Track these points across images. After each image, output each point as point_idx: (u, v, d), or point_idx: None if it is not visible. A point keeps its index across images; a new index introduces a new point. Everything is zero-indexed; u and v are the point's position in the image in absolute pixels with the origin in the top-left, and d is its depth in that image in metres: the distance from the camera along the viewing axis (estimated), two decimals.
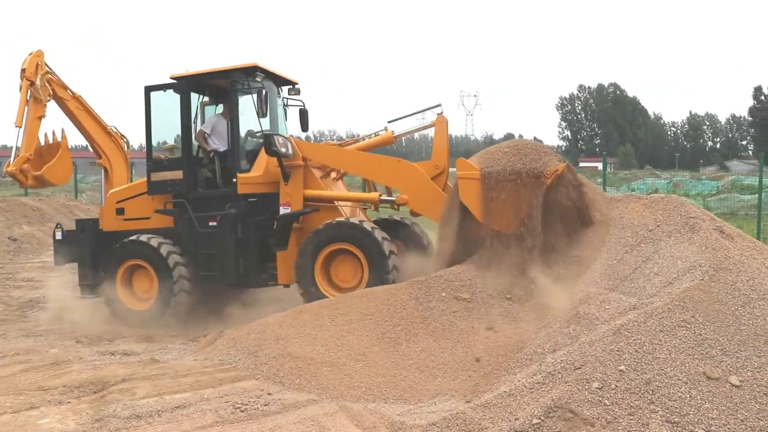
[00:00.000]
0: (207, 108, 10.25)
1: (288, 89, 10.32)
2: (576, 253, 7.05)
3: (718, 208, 19.59)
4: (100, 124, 10.79)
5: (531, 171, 7.18)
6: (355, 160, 9.15)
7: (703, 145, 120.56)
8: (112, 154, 10.83)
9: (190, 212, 9.31)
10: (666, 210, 6.67)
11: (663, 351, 4.55)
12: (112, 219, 10.02)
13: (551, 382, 4.56)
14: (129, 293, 9.48)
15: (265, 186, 9.14)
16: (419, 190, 8.48)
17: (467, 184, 7.49)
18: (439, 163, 8.74)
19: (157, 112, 9.69)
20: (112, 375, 6.65)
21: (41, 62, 10.08)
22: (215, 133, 9.57)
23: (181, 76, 9.46)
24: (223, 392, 5.98)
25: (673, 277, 5.46)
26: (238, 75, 9.21)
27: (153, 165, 9.70)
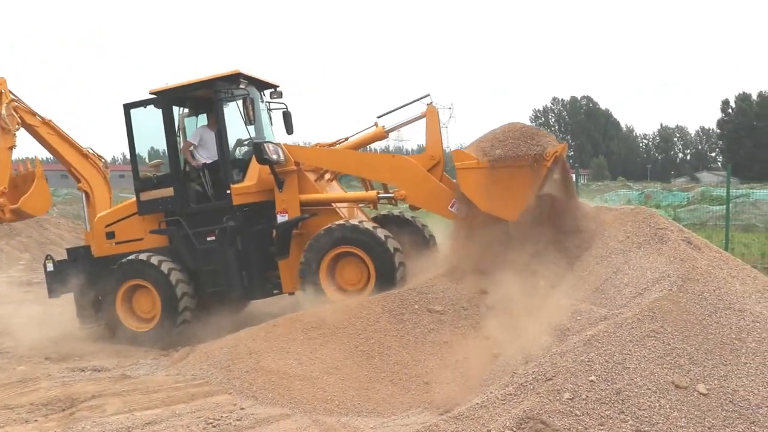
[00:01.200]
0: (187, 120, 9.96)
1: (270, 93, 10.09)
2: (552, 265, 7.11)
3: (688, 219, 19.85)
4: (75, 147, 10.46)
5: (531, 155, 7.07)
6: (349, 159, 8.95)
7: (673, 157, 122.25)
8: (91, 177, 10.50)
9: (186, 229, 9.09)
10: (636, 221, 6.74)
11: (633, 361, 4.60)
12: (103, 244, 9.73)
13: (523, 394, 4.58)
14: (130, 315, 9.19)
15: (260, 195, 8.97)
16: (416, 183, 8.31)
17: (466, 175, 7.37)
18: (434, 154, 8.55)
19: (140, 130, 9.44)
20: (81, 392, 6.56)
21: (5, 90, 9.70)
22: (203, 146, 9.36)
23: (161, 90, 9.23)
24: (196, 407, 5.92)
25: (642, 287, 5.52)
26: (221, 84, 8.99)
27: (141, 184, 9.45)
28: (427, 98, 8.75)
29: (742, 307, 5.04)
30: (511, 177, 7.16)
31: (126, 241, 9.55)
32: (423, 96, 8.76)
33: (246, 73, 9.15)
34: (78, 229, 22.04)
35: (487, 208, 7.33)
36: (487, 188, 7.24)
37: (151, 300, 9.05)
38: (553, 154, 7.05)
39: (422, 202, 8.52)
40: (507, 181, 7.17)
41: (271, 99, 10.11)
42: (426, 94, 8.75)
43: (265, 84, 9.95)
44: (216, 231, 8.97)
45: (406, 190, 8.40)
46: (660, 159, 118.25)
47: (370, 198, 8.87)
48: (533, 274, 7.03)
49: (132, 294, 9.21)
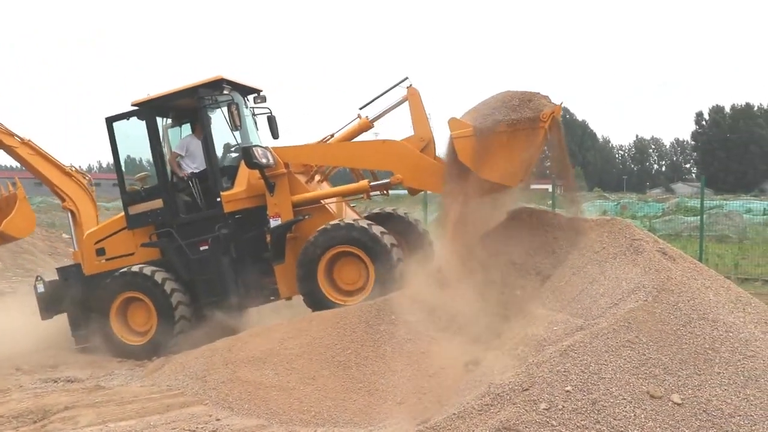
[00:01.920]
0: (171, 131, 9.85)
1: (254, 98, 9.96)
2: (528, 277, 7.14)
3: (663, 230, 20.08)
4: (57, 166, 10.21)
5: (527, 117, 6.90)
6: (339, 151, 8.84)
7: (649, 168, 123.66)
8: (75, 195, 10.23)
9: (178, 240, 8.97)
10: (611, 232, 6.80)
11: (608, 371, 4.63)
12: (94, 261, 9.55)
13: (500, 404, 4.59)
14: (125, 328, 9.04)
15: (251, 200, 8.86)
16: (412, 165, 8.17)
17: (463, 143, 7.14)
18: (423, 135, 8.40)
19: (125, 142, 9.31)
20: (54, 403, 6.47)
21: None
22: (190, 155, 9.25)
23: (143, 101, 9.10)
24: (171, 419, 5.87)
25: (618, 298, 5.56)
26: (204, 91, 8.87)
27: (128, 198, 9.31)
28: (406, 81, 8.60)
29: (715, 318, 5.10)
30: (510, 142, 6.98)
31: (117, 256, 9.40)
32: (402, 80, 8.63)
33: (229, 79, 9.05)
34: (52, 238, 21.75)
35: (486, 174, 7.12)
36: (485, 155, 7.05)
37: (146, 312, 8.91)
38: (549, 114, 6.86)
39: (420, 183, 8.40)
40: (505, 146, 6.98)
41: (255, 104, 9.99)
42: (404, 78, 8.61)
43: (249, 89, 9.83)
44: (209, 240, 8.87)
45: (402, 173, 8.25)
46: (636, 170, 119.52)
47: (362, 188, 8.73)
48: (510, 284, 7.06)
49: (126, 307, 9.06)
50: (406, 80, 8.59)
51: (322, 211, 8.75)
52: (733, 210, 21.31)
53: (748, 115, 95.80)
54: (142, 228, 9.26)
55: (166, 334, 8.69)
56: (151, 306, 8.80)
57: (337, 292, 8.18)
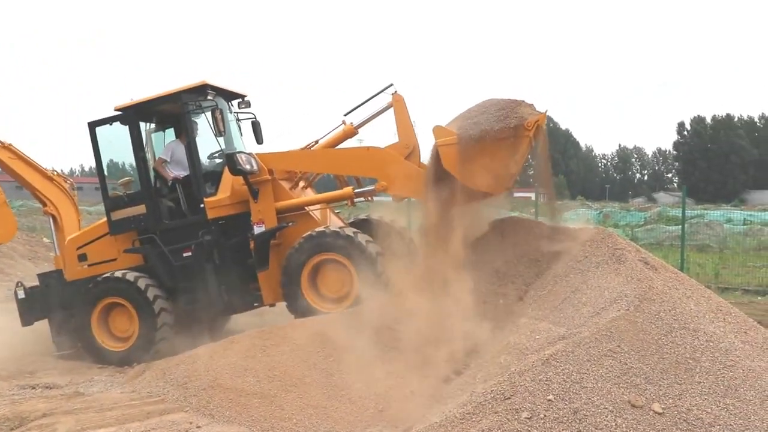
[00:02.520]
0: (155, 135, 9.77)
1: (238, 103, 9.83)
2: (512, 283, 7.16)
3: (645, 239, 20.22)
4: (39, 170, 10.12)
5: (511, 126, 6.91)
6: (324, 157, 8.78)
7: (631, 177, 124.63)
8: (57, 199, 10.14)
9: (161, 246, 8.90)
10: (594, 241, 6.84)
11: (590, 380, 4.65)
12: (75, 267, 9.45)
13: (481, 413, 4.59)
14: (106, 334, 8.96)
15: (235, 207, 8.81)
16: (396, 172, 8.15)
17: (448, 150, 7.13)
18: (408, 142, 8.36)
19: (107, 147, 9.21)
20: (31, 410, 6.39)
21: None
22: (175, 160, 9.18)
23: (126, 106, 9.01)
24: (150, 426, 5.82)
25: (600, 307, 5.59)
26: (188, 96, 8.81)
27: (111, 203, 9.21)
28: (391, 88, 8.56)
29: (696, 327, 5.13)
30: (494, 150, 6.98)
31: (99, 262, 9.30)
32: (387, 86, 8.57)
33: (213, 84, 9.00)
34: (33, 242, 21.52)
35: (471, 183, 7.13)
36: (469, 163, 7.07)
37: (128, 318, 8.84)
38: (534, 123, 6.88)
39: (405, 190, 8.35)
40: (490, 155, 6.99)
41: (240, 109, 9.89)
42: (389, 84, 8.57)
43: (233, 94, 9.77)
44: (192, 246, 8.81)
45: (387, 180, 8.24)
46: (618, 179, 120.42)
47: (347, 195, 8.71)
48: (493, 292, 7.08)
49: (108, 314, 8.99)
50: (391, 87, 8.56)
51: (306, 218, 8.70)
52: (713, 220, 21.47)
53: (729, 125, 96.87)
54: (124, 234, 9.17)
55: (147, 340, 8.61)
56: (133, 312, 8.72)
57: (321, 299, 8.14)
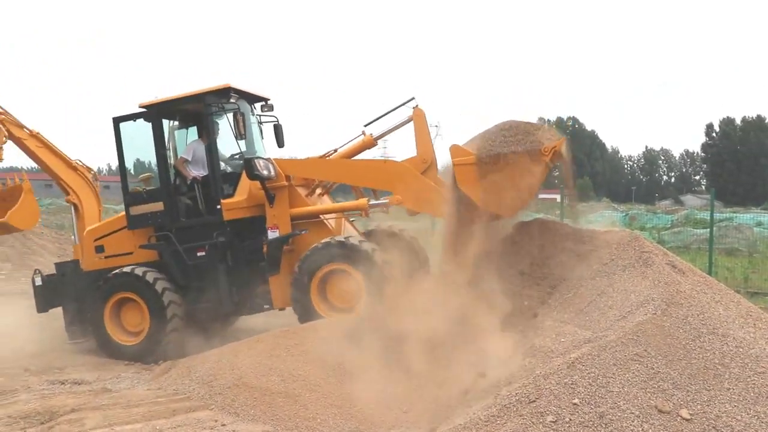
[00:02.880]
0: (178, 132, 9.90)
1: (261, 106, 10.02)
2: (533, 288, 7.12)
3: (672, 242, 19.98)
4: (63, 159, 10.36)
5: (529, 149, 6.87)
6: (341, 167, 8.89)
7: (658, 179, 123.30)
8: (79, 189, 10.38)
9: (176, 244, 9.02)
10: (621, 244, 6.77)
11: (616, 384, 4.61)
12: (92, 258, 9.64)
13: (506, 415, 4.57)
14: (118, 328, 9.13)
15: (251, 210, 8.91)
16: (411, 187, 8.20)
17: (464, 170, 7.11)
18: (426, 156, 8.43)
19: (130, 143, 9.37)
20: (60, 405, 6.49)
21: None
22: (195, 160, 9.30)
23: (151, 104, 9.15)
24: (177, 423, 5.88)
25: (626, 310, 5.54)
26: (212, 98, 8.94)
27: (131, 198, 9.39)
28: (413, 102, 8.63)
29: (725, 332, 5.06)
30: (509, 173, 6.94)
31: (115, 255, 9.47)
32: (408, 100, 8.66)
33: (236, 87, 9.10)
34: (62, 240, 21.84)
35: (484, 204, 7.11)
36: (485, 184, 7.03)
37: (140, 313, 8.98)
38: (551, 149, 6.82)
39: (419, 206, 8.38)
40: (505, 177, 6.95)
41: (262, 112, 10.03)
42: (411, 98, 8.65)
43: (256, 97, 9.87)
44: (206, 246, 8.90)
45: (402, 194, 8.30)
46: (645, 181, 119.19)
47: (361, 206, 8.76)
48: (518, 294, 7.04)
49: (120, 307, 9.12)
50: (413, 101, 8.65)
51: (319, 226, 8.80)
52: (743, 223, 21.16)
53: (759, 127, 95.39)
54: (142, 229, 9.32)
55: (158, 337, 8.76)
56: (143, 306, 8.88)
57: (330, 308, 8.19)
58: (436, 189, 8.06)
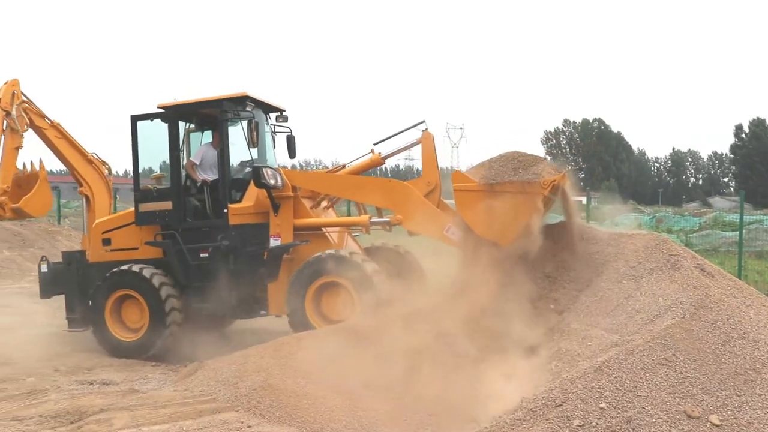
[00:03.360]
0: (192, 135, 10.14)
1: (276, 116, 10.24)
2: (560, 291, 7.08)
3: (700, 245, 19.73)
4: (80, 151, 10.62)
5: (528, 182, 7.10)
6: (345, 183, 9.07)
7: (685, 181, 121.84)
8: (93, 181, 10.64)
9: (180, 244, 9.19)
10: (648, 247, 6.72)
11: (644, 389, 4.56)
12: (99, 250, 9.84)
13: (532, 419, 4.55)
14: (118, 324, 9.31)
15: (256, 216, 9.06)
16: (412, 208, 8.34)
17: (464, 197, 7.43)
18: (431, 179, 8.59)
19: (145, 142, 9.58)
20: (89, 405, 6.57)
21: (17, 91, 9.90)
22: (205, 163, 9.48)
23: (169, 105, 9.37)
24: (203, 424, 5.92)
25: (654, 314, 5.49)
26: (228, 105, 9.14)
27: (141, 195, 9.59)
28: (423, 125, 8.83)
29: (756, 337, 4.99)
30: (507, 203, 7.20)
31: (121, 249, 9.69)
32: (418, 122, 8.83)
33: (253, 96, 9.35)
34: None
35: (481, 231, 7.37)
36: (483, 212, 7.30)
37: (140, 310, 9.18)
38: (550, 183, 7.05)
39: (418, 227, 8.55)
40: (503, 206, 7.21)
41: (277, 122, 10.29)
42: (421, 121, 8.84)
43: (272, 107, 10.15)
44: (209, 248, 9.09)
45: (402, 214, 8.47)
46: (672, 183, 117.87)
47: (362, 222, 8.96)
48: (544, 298, 7.01)
49: (121, 303, 9.34)
50: (423, 123, 8.84)
51: (321, 239, 8.94)
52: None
53: None
54: (149, 226, 9.51)
55: (155, 336, 8.95)
56: (144, 306, 9.06)
57: (323, 320, 8.29)
58: (436, 212, 8.27)
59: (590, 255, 7.29)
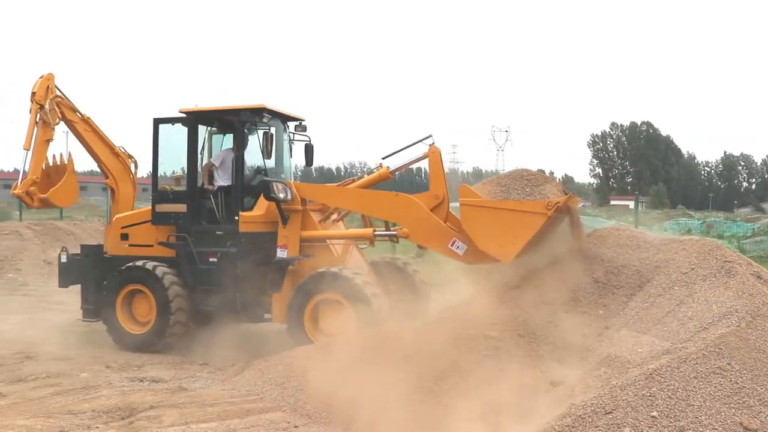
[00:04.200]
0: (214, 137, 10.43)
1: (295, 125, 10.49)
2: (607, 296, 6.98)
3: (753, 251, 19.22)
4: (108, 144, 11.02)
5: (532, 202, 7.36)
6: (352, 196, 9.26)
7: (737, 186, 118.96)
8: (118, 174, 11.04)
9: (191, 247, 9.46)
10: (701, 253, 6.58)
11: (697, 398, 4.45)
12: (117, 244, 10.17)
13: (581, 426, 4.48)
14: (128, 317, 9.63)
15: (266, 225, 9.27)
16: (419, 222, 8.46)
17: (468, 211, 7.67)
18: (438, 193, 8.65)
19: (165, 145, 9.95)
20: (140, 401, 6.72)
21: (51, 86, 10.31)
22: (224, 167, 9.72)
23: (191, 110, 9.70)
24: (250, 423, 6.00)
25: (708, 322, 5.36)
26: (246, 115, 9.42)
27: (158, 196, 9.91)
28: (429, 139, 8.94)
29: None
30: (510, 220, 7.38)
31: (138, 245, 9.97)
32: (425, 137, 8.96)
33: (271, 108, 9.60)
34: None
35: (483, 246, 7.58)
36: (486, 227, 7.54)
37: (149, 306, 9.45)
38: (554, 204, 7.22)
39: (423, 240, 8.67)
40: (506, 223, 7.40)
41: (296, 131, 10.50)
42: (428, 135, 8.95)
43: (291, 117, 10.38)
44: (218, 253, 9.29)
45: (408, 227, 8.57)
46: (723, 188, 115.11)
47: (367, 235, 9.09)
48: (593, 303, 6.91)
49: (132, 297, 9.63)
50: (430, 138, 8.96)
51: (325, 252, 9.07)
52: None
53: None
54: (164, 226, 9.79)
55: (160, 332, 9.26)
56: (152, 299, 9.35)
57: (321, 335, 8.40)
58: (441, 226, 8.32)
59: (641, 261, 7.17)
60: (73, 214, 29.97)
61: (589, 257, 7.44)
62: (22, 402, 6.84)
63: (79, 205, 37.06)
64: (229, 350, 8.80)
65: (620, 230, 7.98)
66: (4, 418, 6.30)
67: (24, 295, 14.25)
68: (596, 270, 7.21)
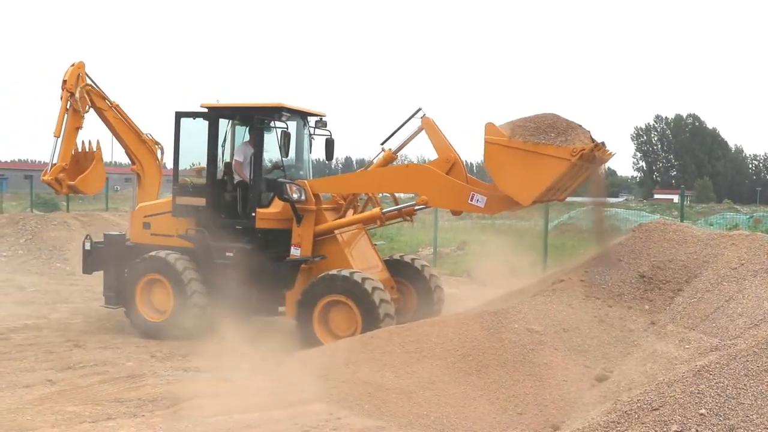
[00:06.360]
0: (237, 128, 10.50)
1: (315, 121, 10.53)
2: (650, 290, 6.87)
3: None
4: (135, 131, 11.21)
5: (557, 146, 7.23)
6: (367, 179, 9.42)
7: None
8: (145, 160, 11.24)
9: (208, 240, 9.54)
10: (751, 248, 6.44)
11: (748, 396, 4.34)
12: (139, 232, 10.31)
13: (627, 422, 4.41)
14: (147, 305, 9.74)
15: (282, 222, 9.36)
16: (435, 185, 8.48)
17: (493, 150, 7.57)
18: (447, 156, 8.73)
19: (186, 138, 10.07)
20: (184, 391, 6.82)
21: (82, 74, 10.52)
22: (246, 161, 9.79)
23: (212, 106, 9.81)
24: (292, 414, 6.05)
25: (759, 318, 5.23)
26: (264, 114, 9.49)
27: (179, 189, 10.02)
28: (420, 112, 9.04)
29: None
30: (534, 162, 7.30)
31: (159, 234, 10.08)
32: (416, 111, 9.09)
33: (289, 106, 9.64)
34: None
35: (503, 185, 7.60)
36: (509, 168, 7.47)
37: (167, 294, 9.54)
38: (579, 151, 7.12)
39: (443, 202, 8.87)
40: (529, 165, 7.32)
41: (316, 127, 10.55)
42: (418, 109, 9.09)
43: (311, 114, 10.44)
44: (234, 248, 9.36)
45: (426, 194, 8.60)
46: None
47: (375, 215, 9.16)
48: (638, 298, 6.80)
49: (152, 286, 9.72)
50: (420, 111, 9.07)
51: (339, 258, 9.09)
52: None
53: None
54: (184, 218, 9.88)
55: (181, 313, 9.34)
56: (171, 291, 9.44)
57: (330, 335, 8.46)
58: (457, 184, 8.37)
59: (687, 255, 7.04)
60: (118, 205, 30.58)
61: (635, 251, 7.33)
62: (70, 389, 7.01)
63: (124, 197, 37.87)
64: (269, 342, 8.90)
65: (666, 224, 7.85)
66: (54, 404, 6.48)
67: (71, 284, 14.53)
68: (642, 264, 7.10)
